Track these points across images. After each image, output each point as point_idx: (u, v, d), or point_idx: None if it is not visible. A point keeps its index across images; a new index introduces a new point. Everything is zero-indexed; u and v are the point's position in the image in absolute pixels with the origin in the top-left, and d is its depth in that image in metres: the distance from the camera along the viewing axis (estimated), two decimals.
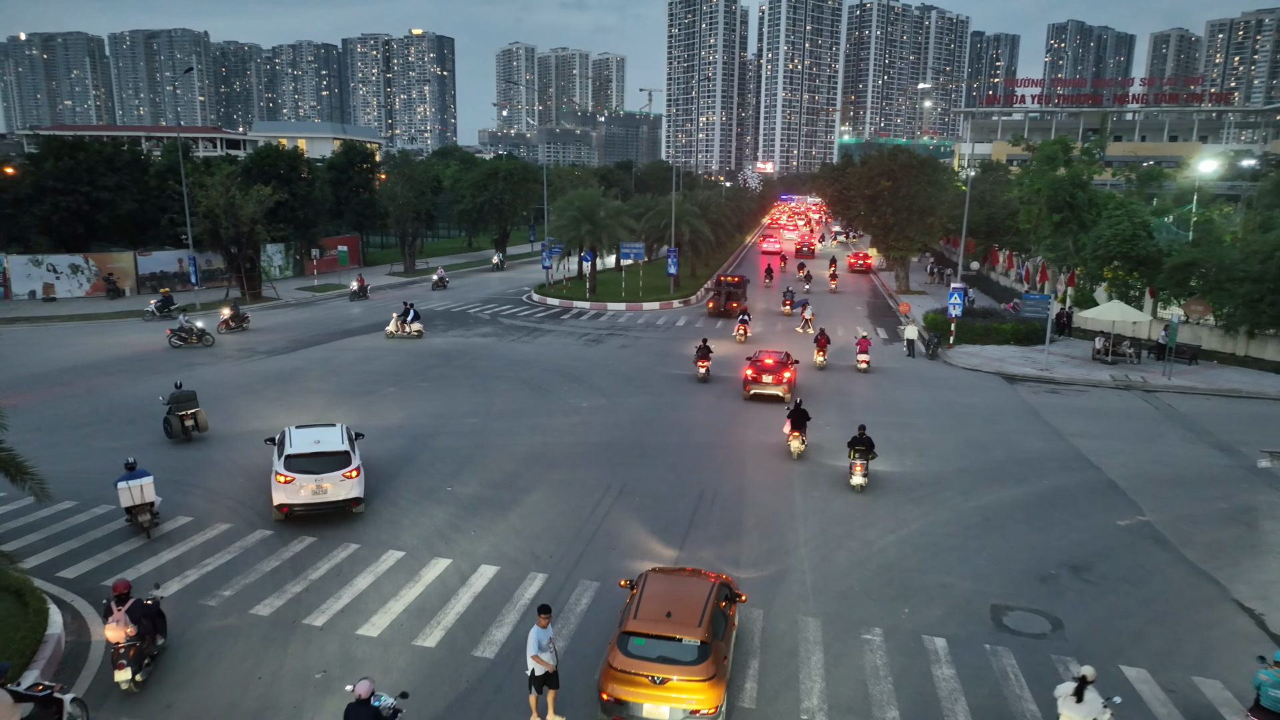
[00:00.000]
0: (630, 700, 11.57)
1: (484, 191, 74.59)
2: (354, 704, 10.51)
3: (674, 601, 12.52)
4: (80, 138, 52.03)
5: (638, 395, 30.14)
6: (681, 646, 11.79)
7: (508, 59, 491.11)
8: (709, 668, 11.64)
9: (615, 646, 12.01)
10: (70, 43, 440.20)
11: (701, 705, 11.48)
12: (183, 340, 37.33)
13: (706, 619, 12.15)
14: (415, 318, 39.74)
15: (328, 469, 18.47)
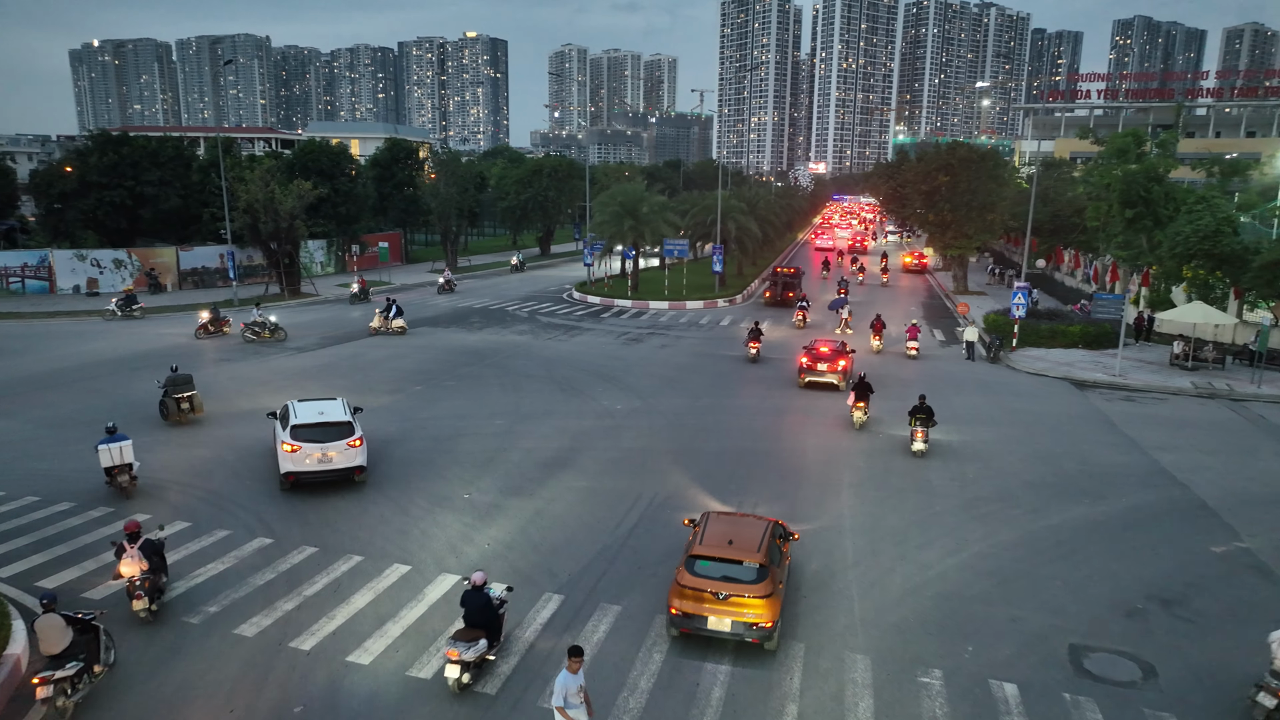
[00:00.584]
0: (696, 614, 13.09)
1: (528, 188, 73.49)
2: (470, 590, 12.52)
3: (735, 533, 14.08)
4: (125, 133, 52.00)
5: (676, 397, 28.39)
6: (742, 568, 13.30)
7: (560, 60, 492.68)
8: (767, 587, 13.09)
9: (683, 568, 13.54)
10: (140, 49, 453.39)
11: (759, 619, 12.89)
12: (256, 334, 36.93)
13: (764, 547, 13.68)
14: (398, 314, 39.27)
15: (332, 438, 19.35)
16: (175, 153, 53.20)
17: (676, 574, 13.63)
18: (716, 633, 13.07)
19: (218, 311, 39.21)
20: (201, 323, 38.23)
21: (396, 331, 38.82)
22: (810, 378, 29.90)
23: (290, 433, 19.28)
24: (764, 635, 12.96)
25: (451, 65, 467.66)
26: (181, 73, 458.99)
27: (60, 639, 11.36)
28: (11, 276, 48.73)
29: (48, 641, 11.33)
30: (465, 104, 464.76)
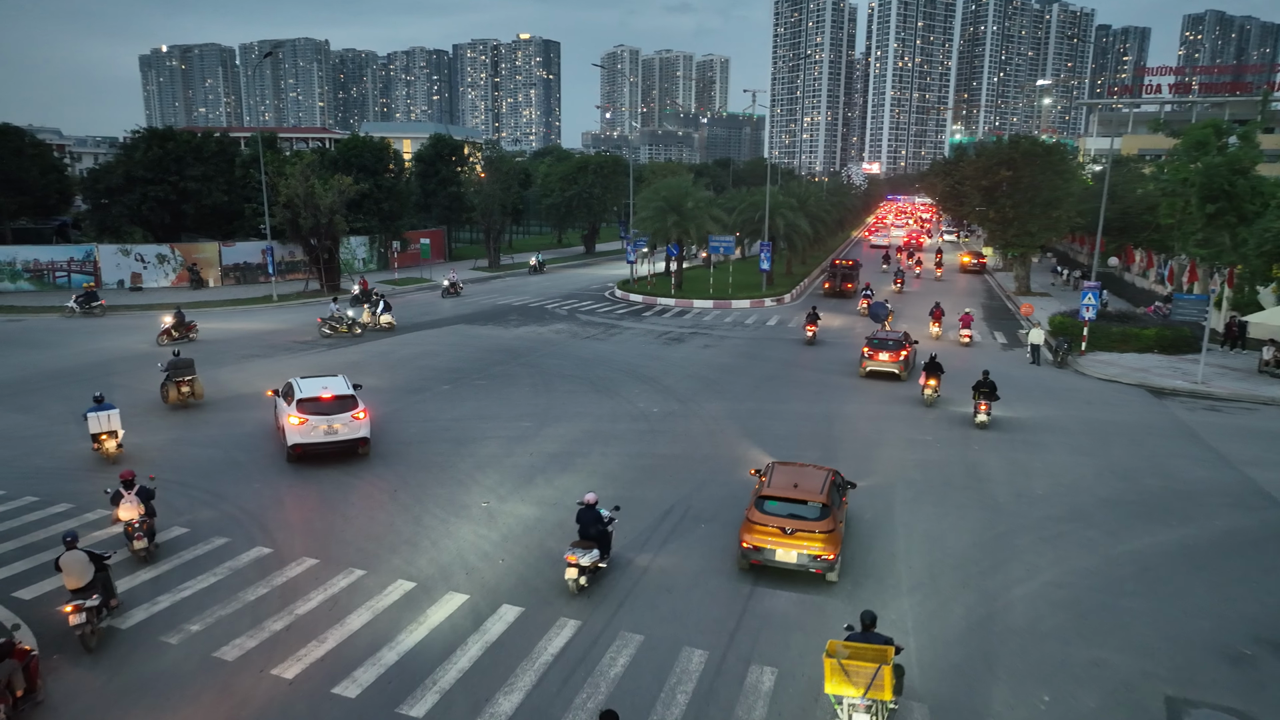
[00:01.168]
0: (765, 547, 14.56)
1: (573, 185, 72.25)
2: (583, 508, 14.70)
3: (799, 478, 15.56)
4: (170, 128, 51.99)
5: (717, 400, 26.68)
6: (807, 507, 14.71)
7: (612, 61, 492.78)
8: (829, 524, 14.51)
9: (753, 507, 15.07)
10: (205, 53, 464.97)
11: (823, 552, 14.30)
12: (333, 330, 36.30)
13: (826, 490, 15.13)
14: (386, 309, 38.40)
15: (337, 410, 20.11)
16: (219, 148, 53.02)
17: (746, 513, 15.18)
18: (783, 564, 14.59)
19: (182, 315, 34.60)
20: (164, 328, 33.81)
21: (385, 327, 37.92)
22: (872, 367, 30.04)
23: (297, 406, 19.95)
24: (826, 566, 14.49)
25: (505, 67, 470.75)
26: (244, 76, 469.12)
27: (84, 573, 12.43)
28: (59, 271, 48.94)
29: (72, 576, 12.38)
30: (518, 105, 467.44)
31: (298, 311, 43.28)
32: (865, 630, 10.91)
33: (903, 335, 31.22)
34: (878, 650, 10.48)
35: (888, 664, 10.34)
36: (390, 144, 61.67)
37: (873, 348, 30.19)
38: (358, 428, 20.26)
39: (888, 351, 29.88)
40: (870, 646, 10.53)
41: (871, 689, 10.21)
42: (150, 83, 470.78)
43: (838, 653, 10.48)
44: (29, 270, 48.34)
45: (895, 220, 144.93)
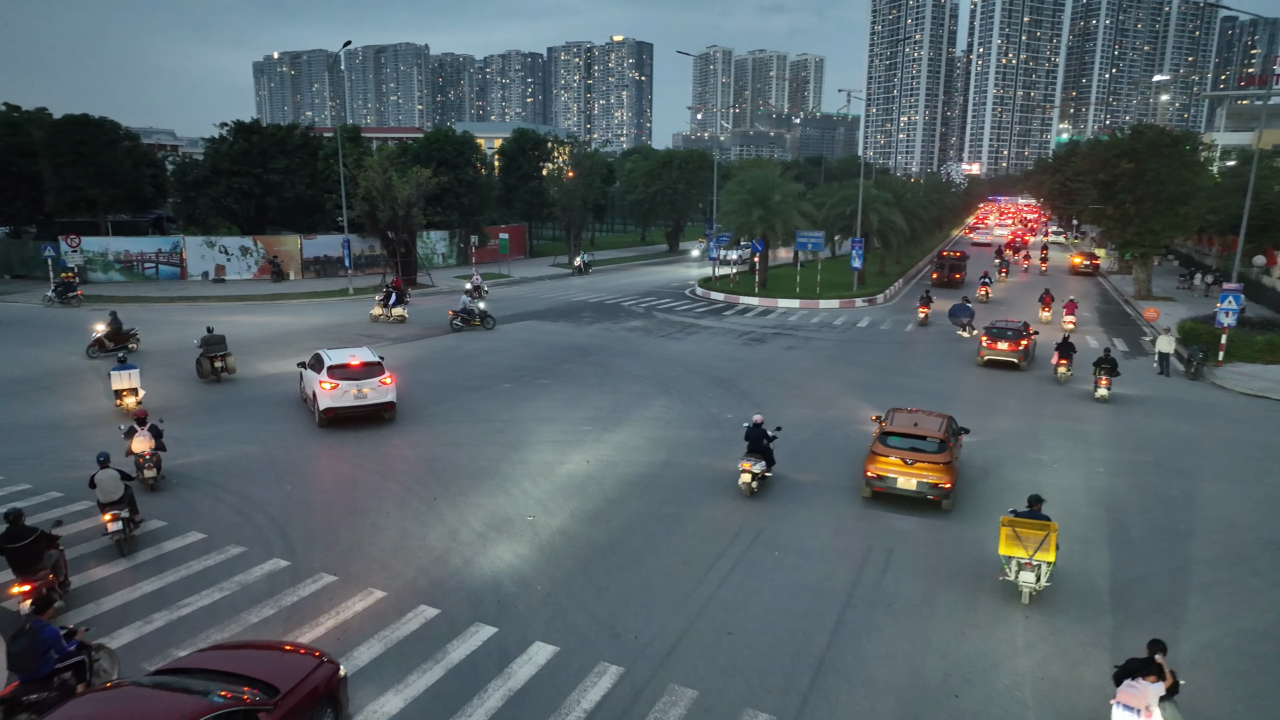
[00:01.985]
0: (888, 475, 16.41)
1: (656, 181, 70.20)
2: (752, 427, 17.35)
3: (918, 419, 17.50)
4: (255, 121, 52.22)
5: (799, 407, 24.15)
6: (926, 441, 16.51)
7: (704, 63, 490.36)
8: (946, 456, 16.30)
9: (877, 442, 16.90)
10: (313, 59, 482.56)
11: (940, 480, 16.13)
12: (465, 322, 35.65)
13: (944, 428, 17.04)
14: (398, 301, 37.70)
15: (366, 376, 21.27)
16: (302, 141, 52.98)
17: (871, 447, 17.14)
18: (904, 491, 16.47)
19: (118, 323, 29.56)
20: (96, 337, 29.00)
21: (397, 320, 37.02)
22: (990, 356, 29.72)
23: (328, 372, 21.12)
24: (943, 494, 16.32)
25: (598, 69, 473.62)
26: (349, 80, 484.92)
27: (116, 489, 14.30)
28: (147, 262, 49.62)
29: (106, 491, 14.21)
30: (610, 107, 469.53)
31: (370, 306, 42.45)
32: (1031, 509, 13.40)
33: (1022, 325, 30.69)
34: (1043, 524, 12.99)
35: (1053, 533, 12.86)
36: (472, 137, 60.89)
37: (992, 336, 29.70)
38: (385, 392, 21.47)
39: (1007, 340, 29.35)
40: (1036, 520, 13.09)
41: (1039, 551, 12.77)
42: (262, 87, 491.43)
43: (1010, 523, 13.02)
44: (120, 261, 49.13)
45: (998, 220, 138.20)
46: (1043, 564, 12.77)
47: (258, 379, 26.41)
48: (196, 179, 50.79)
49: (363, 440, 20.47)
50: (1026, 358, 29.90)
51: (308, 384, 22.29)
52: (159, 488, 17.11)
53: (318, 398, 21.07)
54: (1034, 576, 12.82)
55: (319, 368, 21.56)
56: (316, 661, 9.62)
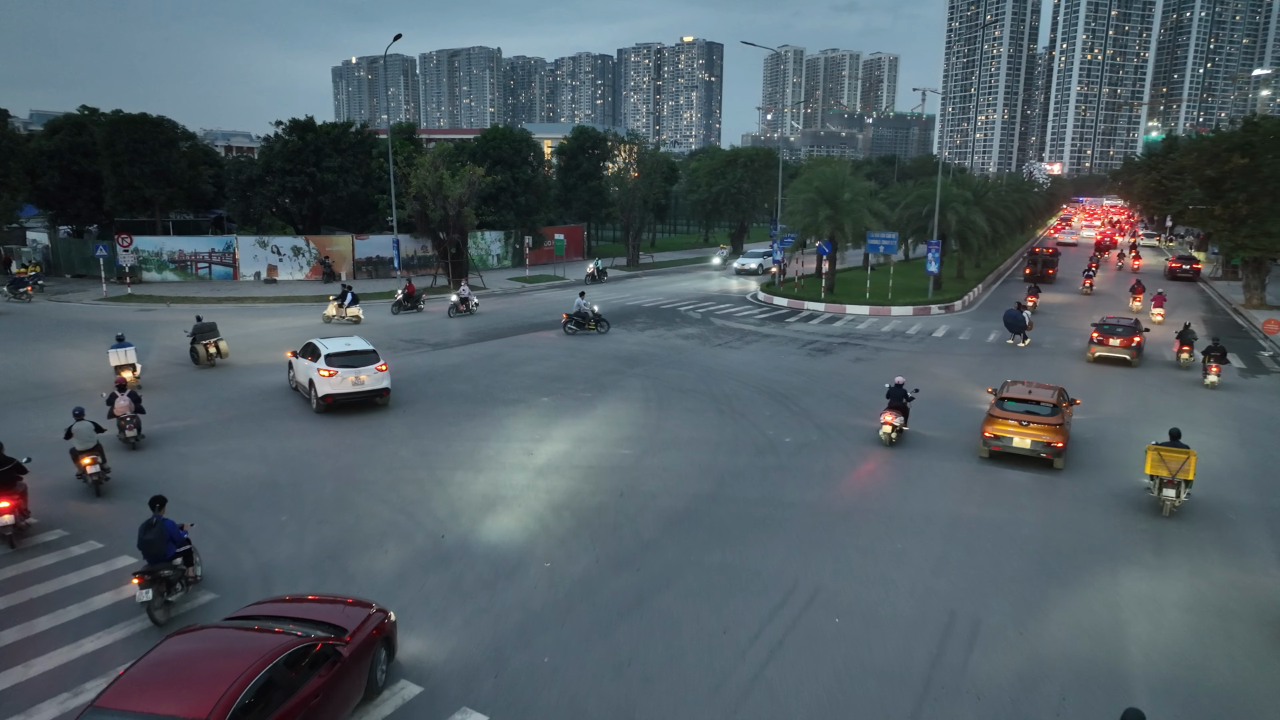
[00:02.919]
0: (1004, 435, 18.64)
1: (720, 180, 67.48)
2: (893, 387, 20.25)
3: (1032, 388, 19.94)
4: (310, 119, 51.37)
5: (868, 429, 21.40)
6: (1040, 406, 18.88)
7: (775, 62, 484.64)
8: (1058, 419, 18.55)
9: (994, 406, 19.37)
10: (390, 63, 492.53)
11: (1053, 440, 18.25)
12: (579, 326, 33.99)
13: (1057, 394, 19.56)
14: (354, 301, 35.99)
15: (362, 363, 22.04)
16: (357, 140, 51.93)
17: (989, 410, 19.27)
18: (1019, 449, 18.36)
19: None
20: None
21: (352, 320, 35.42)
22: (1101, 352, 29.72)
23: (326, 360, 21.81)
24: (1055, 453, 18.17)
25: (667, 70, 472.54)
26: (423, 84, 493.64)
27: (91, 438, 16.23)
28: (200, 262, 49.15)
29: (82, 439, 16.15)
30: (679, 108, 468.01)
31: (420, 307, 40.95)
32: (1173, 441, 15.80)
33: (1134, 321, 30.71)
34: (1184, 450, 15.52)
35: (1192, 458, 15.44)
36: (530, 135, 59.26)
37: (1102, 332, 29.78)
38: (381, 378, 22.24)
39: (1118, 337, 29.41)
40: (1178, 447, 15.60)
41: (1180, 472, 15.40)
42: (340, 92, 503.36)
43: (1155, 449, 15.66)
44: (174, 261, 48.76)
45: (1084, 221, 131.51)
46: (1183, 483, 15.54)
47: (252, 367, 24.81)
48: (250, 178, 50.11)
49: (376, 460, 18.53)
50: (1139, 354, 29.69)
51: (300, 372, 23.14)
52: (138, 446, 19.03)
53: (316, 384, 21.79)
54: (1174, 493, 15.51)
55: (315, 356, 22.33)
56: (371, 608, 10.72)
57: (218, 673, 8.16)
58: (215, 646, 8.84)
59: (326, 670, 9.14)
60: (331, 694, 9.09)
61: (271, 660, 8.47)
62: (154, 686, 8.02)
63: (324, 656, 9.22)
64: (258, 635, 9.08)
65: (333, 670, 9.19)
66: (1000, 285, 53.49)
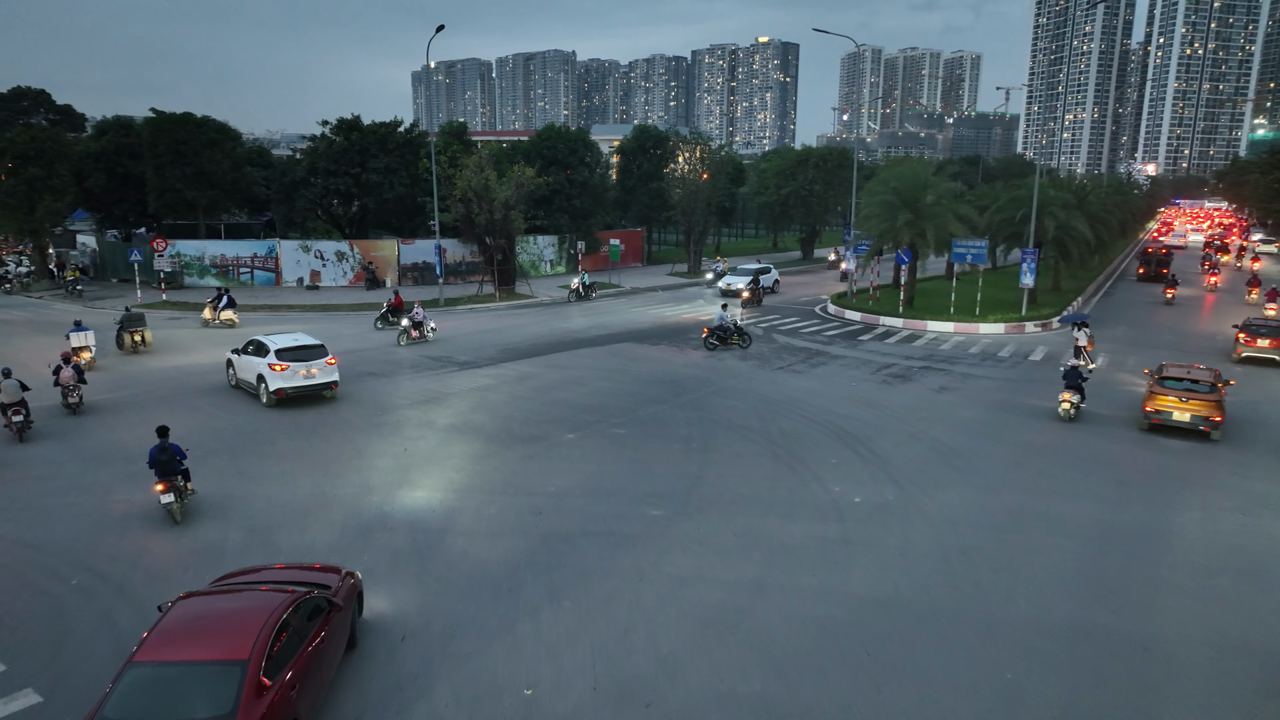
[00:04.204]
0: (1164, 410, 20.70)
1: (790, 181, 63.21)
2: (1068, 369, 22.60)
3: (1190, 369, 21.96)
4: (357, 118, 49.15)
5: (958, 486, 17.41)
6: (1199, 384, 20.89)
7: (852, 62, 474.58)
8: (1216, 395, 20.55)
9: (1154, 383, 21.42)
10: (467, 68, 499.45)
11: (1211, 415, 20.29)
12: (721, 341, 30.92)
13: (1215, 374, 21.50)
14: (229, 305, 35.56)
15: (312, 358, 22.60)
16: (404, 139, 49.52)
17: (1149, 388, 21.58)
18: (1179, 422, 20.60)
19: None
20: None
21: (226, 324, 34.69)
22: (1249, 353, 29.45)
23: (276, 354, 22.40)
24: (1214, 426, 20.36)
25: (741, 71, 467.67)
26: (499, 87, 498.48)
27: (16, 394, 19.48)
28: (242, 267, 47.38)
29: (9, 394, 19.41)
30: (753, 109, 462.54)
31: (460, 317, 38.13)
32: None
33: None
34: None
35: None
36: (586, 134, 56.18)
37: (1250, 333, 29.59)
38: (330, 372, 22.96)
39: (1267, 337, 29.16)
40: None
41: None
42: (419, 95, 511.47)
43: None
44: (215, 266, 47.10)
45: (1189, 225, 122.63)
46: None
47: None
48: (294, 180, 48.14)
49: (349, 525, 15.37)
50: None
51: (244, 369, 23.56)
52: (79, 412, 21.86)
53: (267, 379, 22.39)
54: None
55: (263, 352, 22.83)
56: (340, 570, 11.59)
57: (244, 622, 9.01)
58: (231, 603, 9.72)
59: (326, 619, 10.07)
60: (331, 639, 10.06)
61: (287, 609, 9.39)
62: (186, 638, 8.79)
63: (321, 607, 10.13)
64: (266, 592, 9.90)
65: (330, 618, 10.15)
66: (1102, 297, 48.09)
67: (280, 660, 8.85)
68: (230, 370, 24.48)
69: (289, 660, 9.00)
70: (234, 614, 9.31)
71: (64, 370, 21.41)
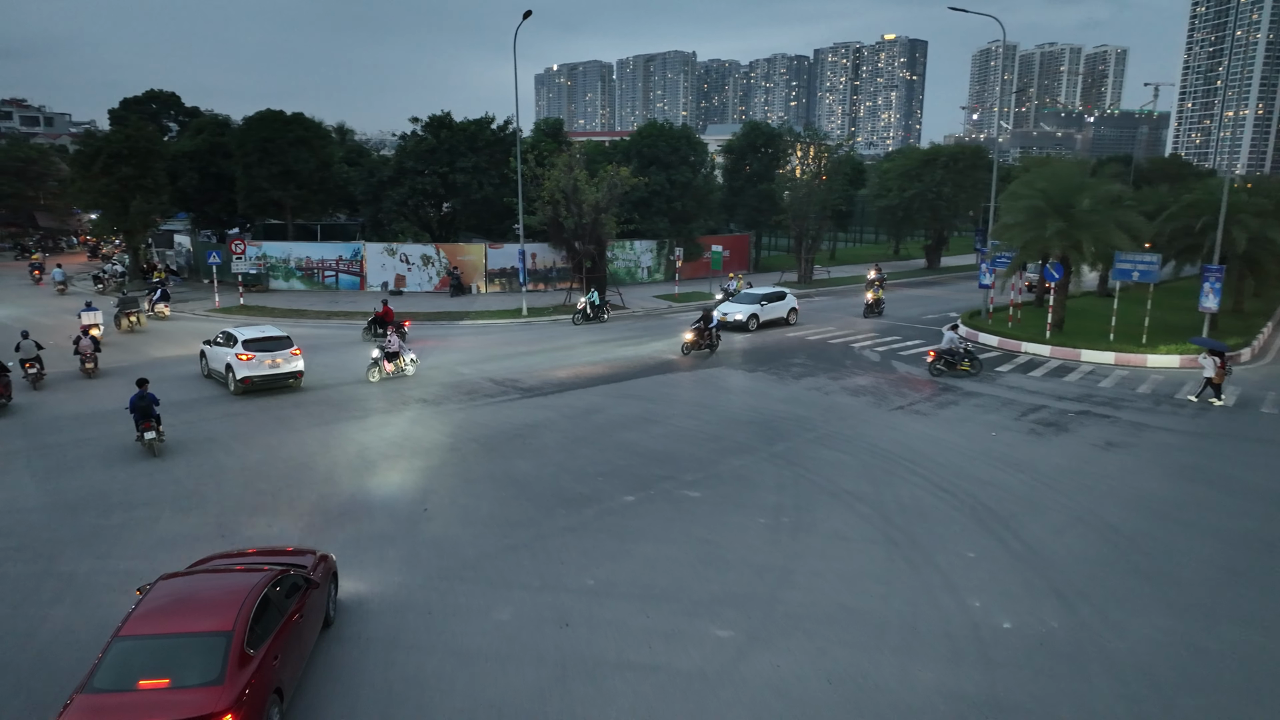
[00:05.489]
0: None
1: (916, 182, 57.22)
2: None
3: None
4: (447, 114, 46.58)
5: (1151, 607, 12.44)
6: None
7: (984, 59, 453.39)
8: None
9: None
10: (587, 70, 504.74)
11: None
12: (949, 366, 27.19)
13: None
14: (163, 298, 36.94)
15: (277, 348, 23.78)
16: (494, 137, 46.67)
17: None
18: None
19: None
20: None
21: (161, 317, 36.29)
22: None
23: (244, 345, 23.46)
24: None
25: (866, 70, 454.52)
26: (619, 89, 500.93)
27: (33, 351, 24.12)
28: (327, 270, 45.59)
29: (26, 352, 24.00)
30: (876, 109, 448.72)
31: (535, 331, 34.80)
32: None
33: None
34: None
35: None
36: (691, 131, 52.11)
37: None
38: (295, 361, 23.75)
39: None
40: None
41: None
42: (541, 98, 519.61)
43: None
44: (300, 268, 45.47)
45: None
46: None
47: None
48: (381, 180, 46.00)
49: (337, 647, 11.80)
50: None
51: (214, 359, 24.71)
52: (94, 376, 25.42)
53: (234, 368, 23.29)
54: None
55: (231, 343, 23.84)
56: (314, 551, 12.03)
57: (225, 596, 9.40)
58: (211, 580, 10.04)
59: (303, 596, 10.43)
60: (309, 615, 10.42)
61: (267, 584, 9.78)
62: (170, 613, 9.13)
63: (298, 585, 10.47)
64: (244, 571, 10.25)
65: (307, 595, 10.51)
66: None
67: (261, 633, 9.16)
68: (203, 360, 25.68)
69: (270, 633, 9.31)
70: (216, 590, 9.67)
71: (83, 340, 25.70)
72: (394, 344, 25.84)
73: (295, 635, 9.84)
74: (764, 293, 36.94)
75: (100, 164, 42.93)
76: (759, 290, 37.70)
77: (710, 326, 30.12)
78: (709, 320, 30.22)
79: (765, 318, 35.73)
